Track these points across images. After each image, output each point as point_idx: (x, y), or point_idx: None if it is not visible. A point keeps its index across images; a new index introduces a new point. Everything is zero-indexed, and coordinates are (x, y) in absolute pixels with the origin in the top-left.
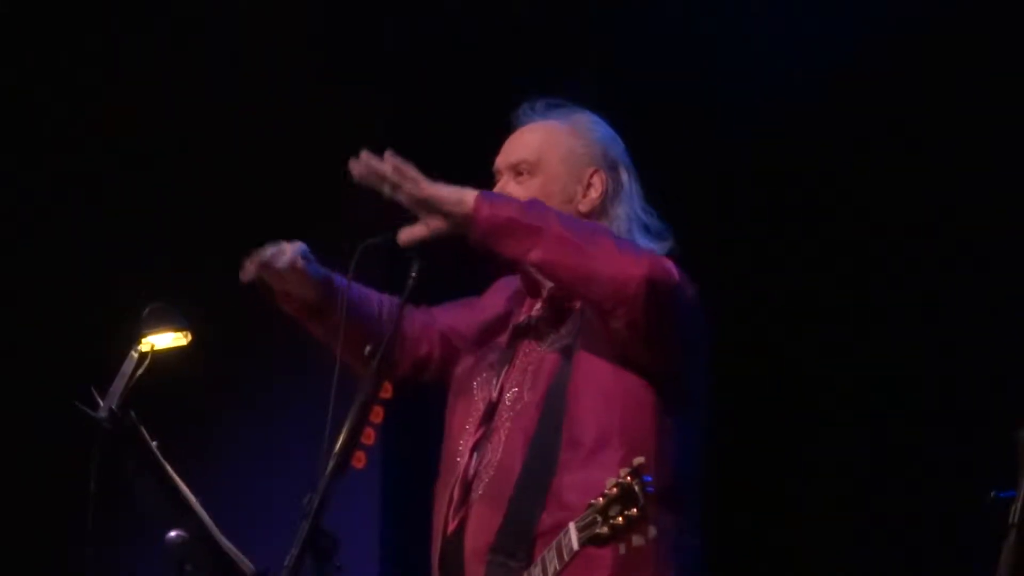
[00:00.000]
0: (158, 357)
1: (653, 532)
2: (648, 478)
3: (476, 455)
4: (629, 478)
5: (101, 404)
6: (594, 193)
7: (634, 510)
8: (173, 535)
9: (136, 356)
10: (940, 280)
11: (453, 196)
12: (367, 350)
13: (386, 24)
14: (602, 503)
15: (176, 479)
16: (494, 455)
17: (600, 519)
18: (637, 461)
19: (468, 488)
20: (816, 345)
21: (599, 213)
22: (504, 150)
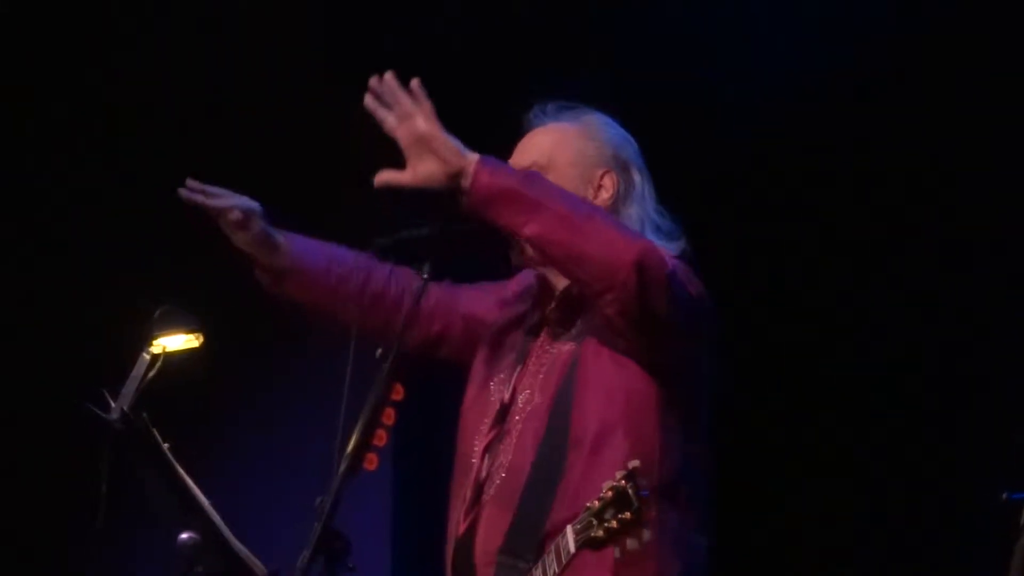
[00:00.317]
0: (170, 359)
1: (647, 535)
2: (643, 482)
3: (488, 456)
4: (624, 481)
5: (113, 406)
6: (605, 194)
7: (627, 514)
8: (185, 537)
9: (148, 358)
10: (946, 278)
11: (456, 148)
12: (378, 353)
13: (387, 24)
14: (597, 506)
15: (187, 481)
16: (506, 457)
17: (595, 522)
18: (632, 464)
19: (480, 489)
20: (821, 344)
21: (610, 214)
22: (516, 153)
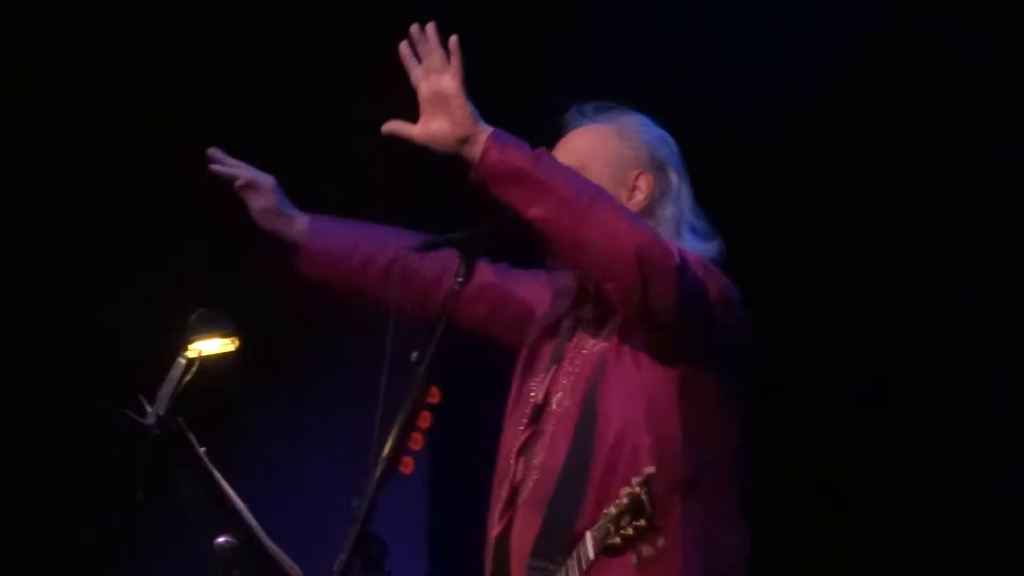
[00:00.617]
0: (206, 363)
1: (662, 542)
2: (658, 488)
3: (523, 458)
4: (638, 488)
5: (149, 410)
6: (640, 195)
7: (642, 521)
8: (221, 541)
9: (184, 362)
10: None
11: (471, 114)
12: (414, 356)
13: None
14: (614, 512)
15: (224, 484)
16: (539, 458)
17: (612, 528)
18: (648, 470)
19: (515, 491)
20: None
21: (645, 215)
22: (553, 154)
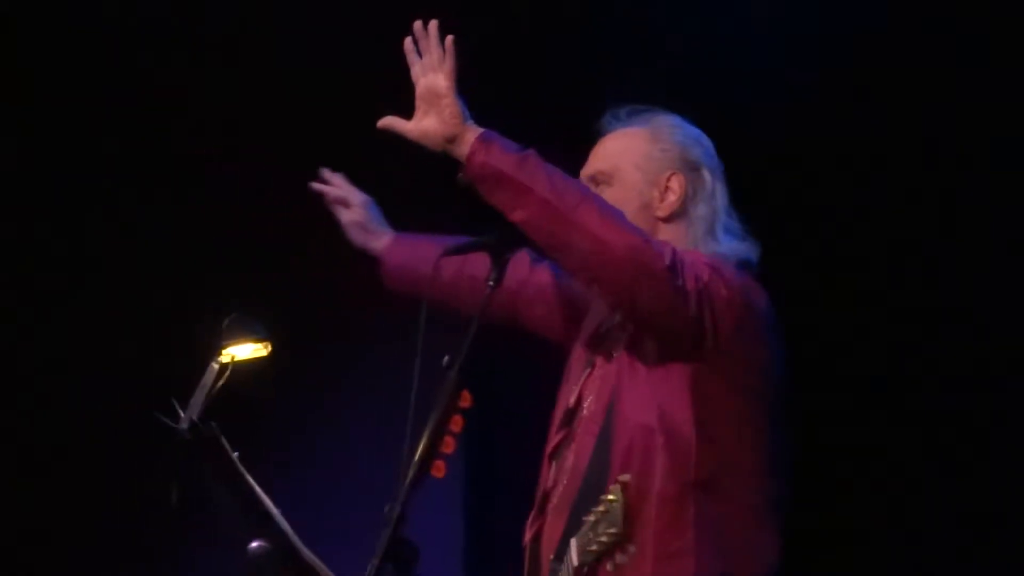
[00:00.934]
0: (238, 368)
1: (632, 550)
2: (626, 497)
3: (555, 462)
4: (611, 496)
5: (182, 415)
6: (672, 196)
7: (613, 529)
8: (255, 546)
9: (216, 367)
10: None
11: (458, 114)
12: (445, 360)
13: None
14: (593, 519)
15: (257, 489)
16: (568, 462)
17: (592, 536)
18: (623, 478)
19: (547, 495)
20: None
21: (678, 216)
22: (588, 159)
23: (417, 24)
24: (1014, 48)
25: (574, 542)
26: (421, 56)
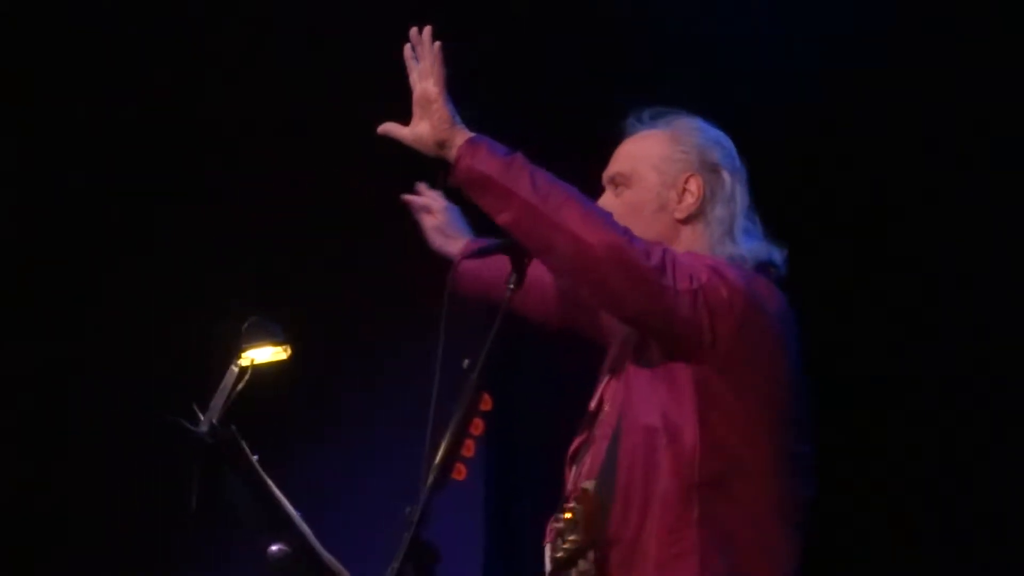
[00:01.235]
0: (258, 371)
1: (592, 556)
2: (582, 507)
3: (576, 465)
4: (574, 504)
5: (202, 419)
6: (690, 199)
7: (573, 537)
8: (274, 549)
9: (236, 370)
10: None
11: (447, 119)
12: (465, 363)
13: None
14: (561, 526)
15: (276, 492)
16: (585, 465)
17: (559, 543)
18: (586, 485)
19: (567, 498)
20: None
21: (696, 218)
22: (609, 163)
23: (413, 30)
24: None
25: (547, 548)
26: (419, 61)
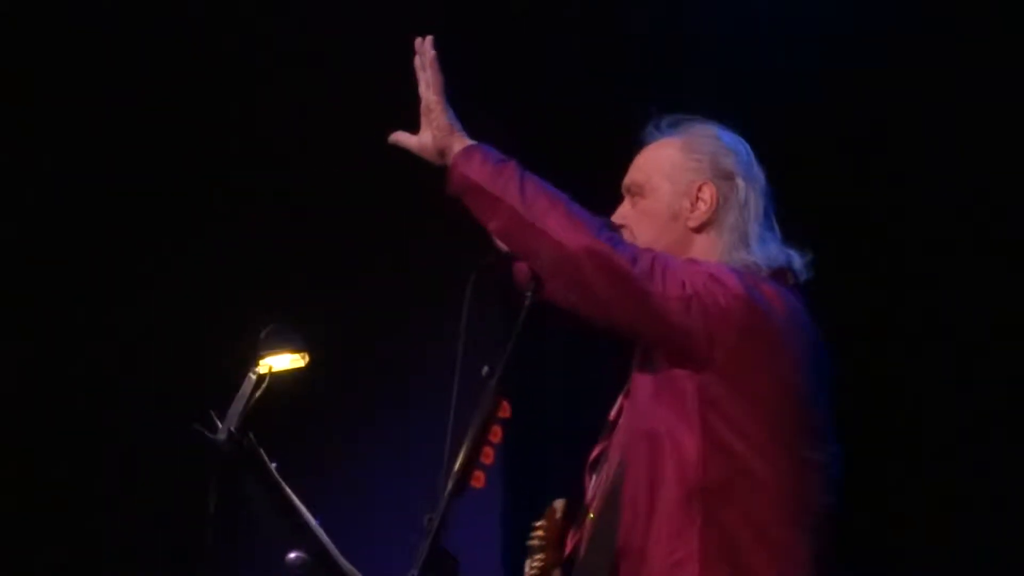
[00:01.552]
0: (276, 378)
1: (556, 574)
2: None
3: (595, 475)
4: (540, 522)
5: (220, 426)
6: (703, 206)
7: (540, 555)
8: (293, 556)
9: (254, 378)
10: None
11: (446, 127)
12: (484, 370)
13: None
14: (533, 544)
15: (295, 500)
16: (602, 476)
17: (531, 561)
18: (558, 503)
19: (587, 508)
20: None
21: (709, 225)
22: (628, 171)
23: (417, 41)
24: None
25: (526, 565)
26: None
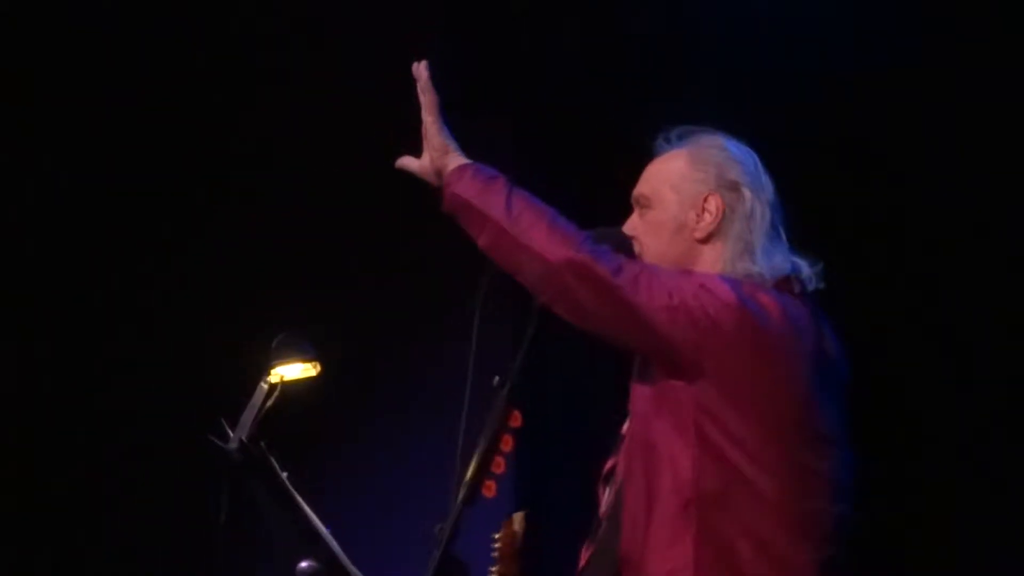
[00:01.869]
0: (287, 388)
1: None
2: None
3: (608, 487)
4: (498, 535)
5: (231, 435)
6: (709, 217)
7: (496, 567)
8: (304, 565)
9: (266, 387)
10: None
11: (441, 147)
12: (495, 380)
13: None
14: (494, 556)
15: (306, 509)
16: (613, 489)
17: (494, 571)
18: (517, 516)
19: (600, 520)
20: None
21: (715, 237)
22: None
23: (414, 66)
24: None
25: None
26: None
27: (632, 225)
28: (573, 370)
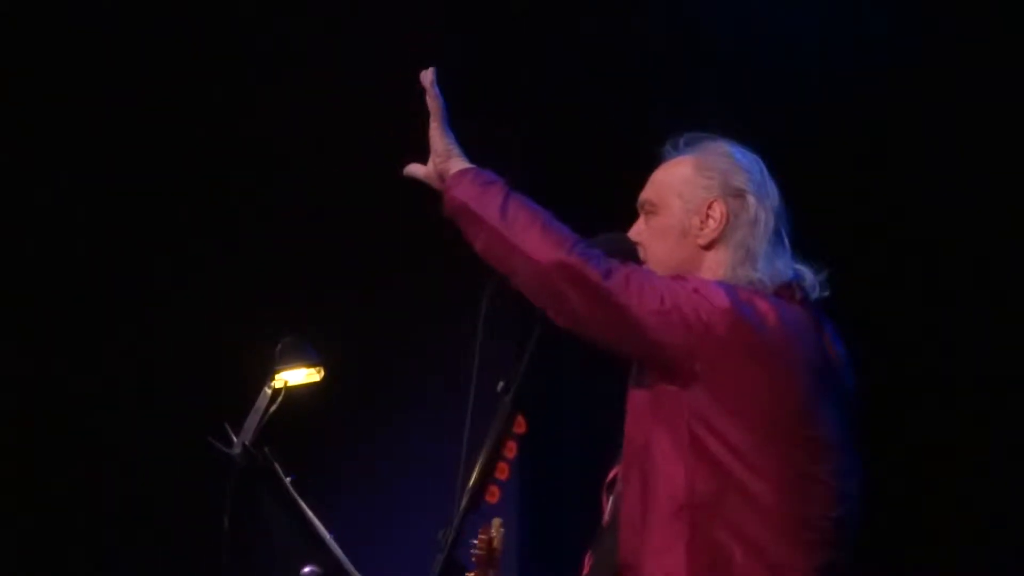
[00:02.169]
0: (291, 393)
1: None
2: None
3: (612, 496)
4: (476, 540)
5: (235, 440)
6: (713, 223)
7: (471, 573)
8: (307, 570)
9: (270, 392)
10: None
11: (444, 152)
12: (499, 386)
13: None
14: (474, 559)
15: (309, 514)
16: (617, 496)
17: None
18: (495, 521)
19: (603, 530)
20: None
21: (719, 243)
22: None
23: (421, 73)
24: None
25: None
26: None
27: (637, 231)
28: (578, 376)
